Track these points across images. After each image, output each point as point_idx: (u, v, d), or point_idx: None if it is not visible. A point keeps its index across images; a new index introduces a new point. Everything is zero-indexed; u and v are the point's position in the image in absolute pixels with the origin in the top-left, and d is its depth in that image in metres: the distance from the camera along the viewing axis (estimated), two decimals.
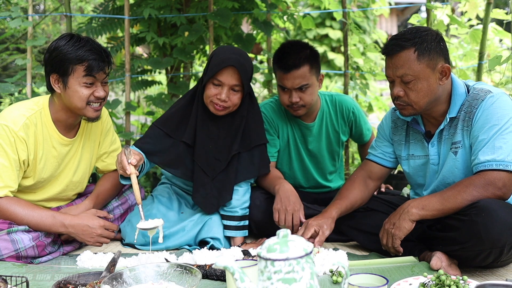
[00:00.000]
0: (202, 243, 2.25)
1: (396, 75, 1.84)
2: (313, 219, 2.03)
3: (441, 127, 1.91)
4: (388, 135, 2.16)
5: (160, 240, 1.92)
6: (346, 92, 3.72)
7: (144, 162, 2.14)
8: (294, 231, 2.17)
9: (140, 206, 1.92)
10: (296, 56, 2.30)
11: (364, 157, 2.87)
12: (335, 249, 2.07)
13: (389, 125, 2.15)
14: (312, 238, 2.01)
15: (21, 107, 2.06)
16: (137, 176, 1.99)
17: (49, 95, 2.13)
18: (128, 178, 2.04)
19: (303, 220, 2.17)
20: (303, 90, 2.33)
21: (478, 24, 3.99)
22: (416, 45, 1.79)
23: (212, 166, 2.24)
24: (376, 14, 4.16)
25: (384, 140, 2.17)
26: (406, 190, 2.80)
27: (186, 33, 3.40)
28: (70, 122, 2.14)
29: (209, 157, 2.24)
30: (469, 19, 3.89)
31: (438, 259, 1.77)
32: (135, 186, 1.94)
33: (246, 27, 4.07)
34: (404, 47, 1.81)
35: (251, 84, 2.35)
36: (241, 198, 2.28)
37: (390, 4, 5.13)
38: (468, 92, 1.88)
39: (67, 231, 2.05)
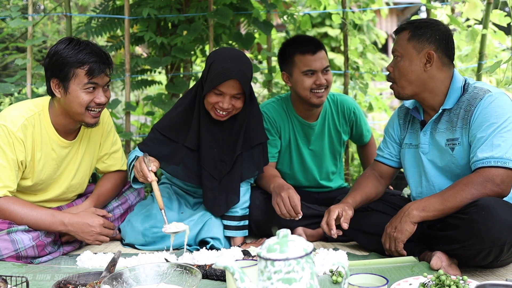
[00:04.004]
0: (202, 243, 2.25)
1: (392, 50, 2.00)
2: (333, 206, 2.07)
3: (434, 117, 1.95)
4: (394, 134, 2.19)
5: (185, 246, 1.98)
6: (346, 92, 3.72)
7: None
8: (295, 214, 2.11)
9: (163, 211, 1.97)
10: (316, 41, 2.44)
11: (364, 158, 2.88)
12: (335, 249, 2.07)
13: (397, 122, 2.19)
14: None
15: (20, 107, 2.05)
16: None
17: (50, 97, 2.12)
18: (139, 182, 2.11)
19: (297, 201, 2.11)
20: (326, 72, 2.42)
21: (475, 24, 3.99)
22: (412, 28, 1.94)
23: (218, 169, 2.25)
24: (366, 18, 4.15)
25: (390, 141, 2.21)
26: (407, 191, 2.80)
27: (185, 32, 3.40)
28: (69, 128, 2.13)
29: (215, 160, 2.24)
30: (467, 19, 3.89)
31: (438, 259, 1.78)
32: (157, 193, 1.98)
33: (242, 29, 4.07)
34: (404, 28, 1.98)
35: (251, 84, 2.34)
36: (241, 198, 2.28)
37: (388, 4, 5.12)
38: (465, 87, 1.92)
39: (66, 229, 2.05)
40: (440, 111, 1.93)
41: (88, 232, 2.07)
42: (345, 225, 1.99)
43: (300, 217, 2.12)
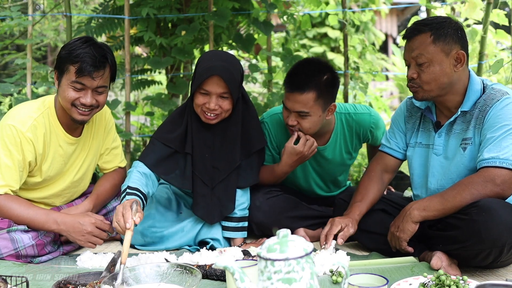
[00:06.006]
0: (202, 244, 2.25)
1: (412, 56, 1.88)
2: (338, 218, 2.04)
3: (452, 119, 1.92)
4: (402, 125, 2.15)
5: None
6: (346, 92, 3.71)
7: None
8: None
9: (123, 266, 1.56)
10: (306, 78, 2.11)
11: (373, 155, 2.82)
12: (335, 249, 2.07)
13: (404, 114, 2.15)
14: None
15: (29, 107, 2.08)
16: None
17: (55, 94, 2.15)
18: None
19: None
20: (302, 117, 2.15)
21: (474, 23, 3.98)
22: (432, 29, 1.85)
23: (210, 175, 2.22)
24: (365, 18, 4.14)
25: (398, 132, 2.16)
26: (408, 193, 2.79)
27: (183, 32, 3.39)
28: (72, 123, 2.13)
29: (207, 166, 2.21)
30: (466, 19, 3.89)
31: (439, 258, 1.78)
32: (127, 244, 1.67)
33: (241, 30, 4.07)
34: (421, 31, 1.87)
35: (247, 86, 2.32)
36: (239, 199, 2.26)
37: (386, 4, 5.12)
38: (484, 90, 1.89)
39: (59, 228, 2.03)
40: (458, 112, 1.90)
41: (79, 231, 2.02)
42: (340, 241, 1.98)
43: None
